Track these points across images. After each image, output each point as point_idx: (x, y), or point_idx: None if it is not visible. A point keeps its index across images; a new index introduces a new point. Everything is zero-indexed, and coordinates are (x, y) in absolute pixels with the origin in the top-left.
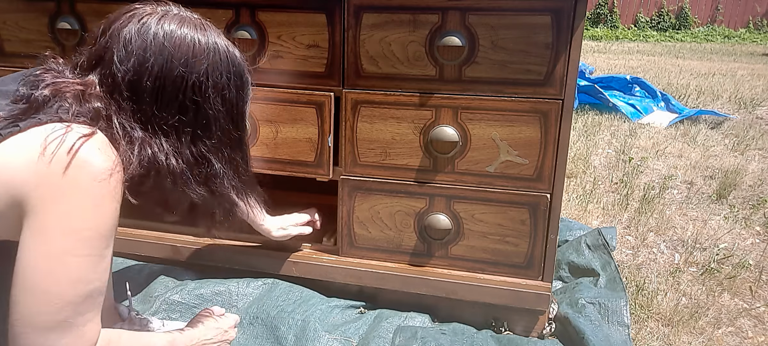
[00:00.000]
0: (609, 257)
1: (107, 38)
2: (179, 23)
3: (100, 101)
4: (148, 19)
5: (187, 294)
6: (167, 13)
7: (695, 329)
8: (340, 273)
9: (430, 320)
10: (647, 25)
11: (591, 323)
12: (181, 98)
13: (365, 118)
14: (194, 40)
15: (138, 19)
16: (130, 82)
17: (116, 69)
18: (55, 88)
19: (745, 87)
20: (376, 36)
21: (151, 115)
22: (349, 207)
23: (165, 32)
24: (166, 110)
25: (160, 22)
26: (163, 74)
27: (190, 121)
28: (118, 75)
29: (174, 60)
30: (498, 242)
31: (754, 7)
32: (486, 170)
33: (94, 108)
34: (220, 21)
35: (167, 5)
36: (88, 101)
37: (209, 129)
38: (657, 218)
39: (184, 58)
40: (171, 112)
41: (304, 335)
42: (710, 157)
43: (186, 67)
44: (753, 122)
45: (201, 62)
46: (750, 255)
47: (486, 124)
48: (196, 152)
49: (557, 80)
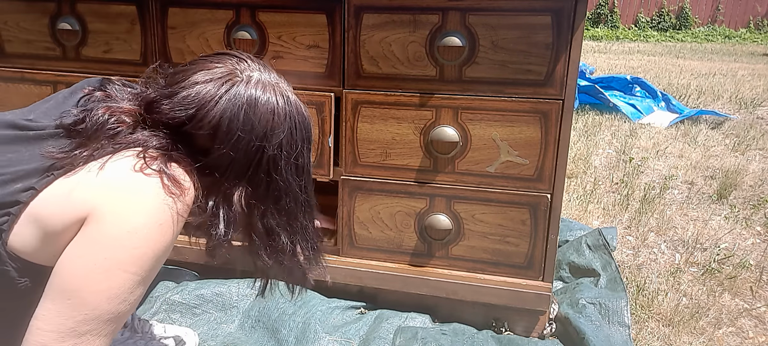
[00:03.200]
0: (609, 257)
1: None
2: (262, 89)
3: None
4: (229, 84)
5: (188, 295)
6: (250, 77)
7: (696, 329)
8: (341, 273)
9: (430, 320)
10: (648, 25)
11: (591, 323)
12: (252, 172)
13: (365, 119)
14: (274, 109)
15: (220, 82)
16: (204, 148)
17: (193, 129)
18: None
19: (745, 87)
20: (376, 36)
21: (219, 182)
22: (350, 207)
23: (248, 100)
24: (235, 179)
25: (243, 87)
26: (240, 146)
27: (261, 195)
28: (191, 133)
29: (253, 132)
30: (498, 243)
31: (754, 7)
32: (486, 170)
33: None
34: (220, 21)
35: (248, 62)
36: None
37: (280, 200)
38: (657, 218)
39: (263, 131)
40: (241, 183)
41: (305, 336)
42: (711, 157)
43: (263, 140)
44: (753, 122)
45: (278, 134)
46: (750, 255)
47: (486, 124)
48: (265, 225)
49: (557, 80)
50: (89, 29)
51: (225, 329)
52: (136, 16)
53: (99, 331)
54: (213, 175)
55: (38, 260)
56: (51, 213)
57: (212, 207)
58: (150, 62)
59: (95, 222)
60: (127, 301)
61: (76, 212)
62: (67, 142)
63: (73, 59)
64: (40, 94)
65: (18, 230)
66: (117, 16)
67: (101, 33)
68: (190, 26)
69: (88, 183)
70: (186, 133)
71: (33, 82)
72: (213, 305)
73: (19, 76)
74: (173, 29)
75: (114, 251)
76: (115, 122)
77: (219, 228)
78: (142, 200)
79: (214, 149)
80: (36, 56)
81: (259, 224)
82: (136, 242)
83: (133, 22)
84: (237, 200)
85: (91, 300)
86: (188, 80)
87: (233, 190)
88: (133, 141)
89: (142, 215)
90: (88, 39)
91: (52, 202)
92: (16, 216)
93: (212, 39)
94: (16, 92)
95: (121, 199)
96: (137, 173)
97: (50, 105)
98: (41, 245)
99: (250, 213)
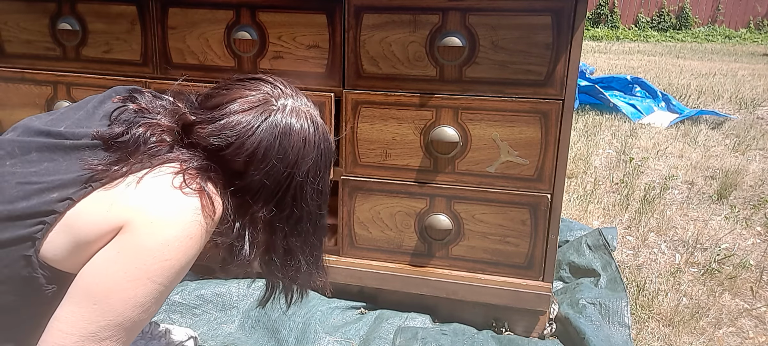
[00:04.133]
0: (610, 257)
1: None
2: (296, 117)
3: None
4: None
5: (188, 295)
6: (285, 106)
7: (696, 329)
8: (341, 274)
9: (430, 320)
10: (648, 25)
11: (592, 323)
12: (280, 196)
13: (366, 119)
14: (306, 138)
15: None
16: (237, 172)
17: (229, 155)
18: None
19: (745, 87)
20: (376, 36)
21: (248, 205)
22: (350, 208)
23: (283, 129)
24: (264, 203)
25: (280, 116)
26: (272, 173)
27: (285, 218)
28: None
29: (286, 160)
30: (498, 243)
31: (754, 8)
32: (486, 171)
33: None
34: (220, 21)
35: (281, 88)
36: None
37: (301, 223)
38: (658, 219)
39: (295, 159)
40: (268, 206)
41: (305, 336)
42: (711, 157)
43: (294, 167)
44: (754, 122)
45: (307, 162)
46: (751, 255)
47: (486, 124)
48: (286, 246)
49: (558, 80)
50: (89, 29)
51: (225, 329)
52: (136, 16)
53: (118, 338)
54: (243, 198)
55: (65, 268)
56: (86, 223)
57: (239, 228)
58: (150, 62)
59: (130, 232)
60: (149, 310)
61: (112, 222)
62: (105, 155)
63: (73, 59)
64: (40, 94)
65: (50, 239)
66: (117, 17)
67: (101, 33)
68: (191, 26)
69: (127, 195)
70: (222, 158)
71: (33, 83)
72: (213, 305)
73: (19, 76)
74: (173, 29)
75: (145, 261)
76: (156, 140)
77: (244, 249)
78: (178, 214)
79: (248, 174)
80: (36, 56)
81: (280, 245)
82: (167, 253)
83: (134, 22)
84: (263, 223)
85: (117, 306)
86: (227, 109)
87: (260, 213)
88: (173, 159)
89: (175, 227)
90: (89, 39)
91: (88, 213)
92: (51, 225)
93: (212, 39)
94: (16, 92)
95: (158, 211)
96: (176, 189)
97: (81, 115)
98: (70, 254)
99: (273, 235)
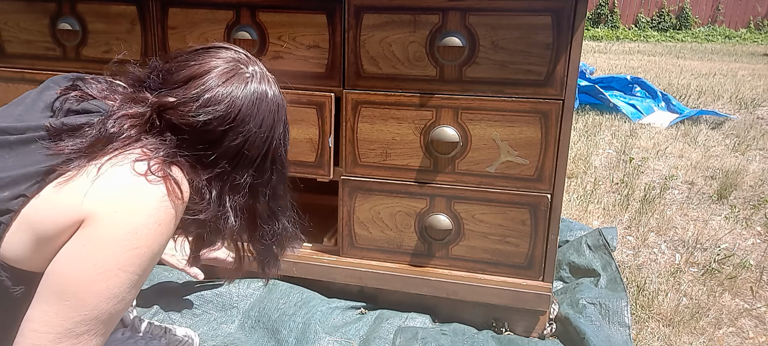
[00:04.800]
0: (610, 257)
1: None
2: (267, 83)
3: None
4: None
5: (188, 295)
6: (255, 72)
7: (696, 329)
8: (341, 274)
9: (430, 320)
10: (648, 25)
11: (592, 323)
12: (260, 161)
13: (366, 119)
14: (277, 102)
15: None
16: (214, 141)
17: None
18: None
19: (745, 87)
20: (376, 36)
21: (227, 173)
22: (350, 207)
23: (260, 96)
24: (244, 170)
25: (256, 84)
26: (249, 138)
27: (266, 181)
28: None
29: (263, 125)
30: (498, 243)
31: (754, 8)
32: (486, 171)
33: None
34: (220, 21)
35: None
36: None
37: (280, 185)
38: (658, 219)
39: (271, 123)
40: (249, 172)
41: (305, 336)
42: (711, 157)
43: (270, 131)
44: (754, 123)
45: (280, 125)
46: (751, 255)
47: (486, 124)
48: (270, 210)
49: (558, 80)
50: (89, 29)
51: (225, 329)
52: (136, 16)
53: (96, 330)
54: (223, 167)
55: (30, 267)
56: (45, 219)
57: (220, 199)
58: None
59: (94, 224)
60: (125, 300)
61: (73, 215)
62: (59, 146)
63: (73, 59)
64: None
65: (9, 239)
66: (117, 17)
67: (101, 33)
68: (191, 26)
69: (86, 187)
70: (199, 132)
71: (33, 83)
72: (213, 305)
73: (19, 76)
74: (173, 29)
75: (115, 252)
76: (118, 129)
77: (229, 219)
78: (142, 201)
79: (227, 143)
80: (36, 56)
81: (264, 210)
82: (136, 241)
83: (134, 22)
84: (245, 189)
85: (90, 300)
86: (205, 82)
87: (241, 179)
88: (137, 146)
89: (141, 214)
90: (89, 39)
91: (46, 208)
92: (6, 225)
93: (212, 39)
94: (16, 92)
95: (121, 201)
96: (140, 175)
97: (21, 110)
98: (32, 251)
99: (257, 201)
